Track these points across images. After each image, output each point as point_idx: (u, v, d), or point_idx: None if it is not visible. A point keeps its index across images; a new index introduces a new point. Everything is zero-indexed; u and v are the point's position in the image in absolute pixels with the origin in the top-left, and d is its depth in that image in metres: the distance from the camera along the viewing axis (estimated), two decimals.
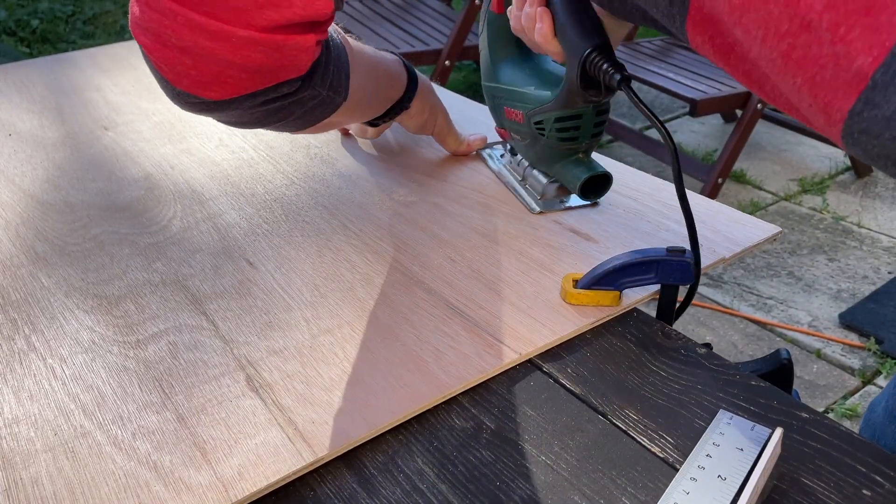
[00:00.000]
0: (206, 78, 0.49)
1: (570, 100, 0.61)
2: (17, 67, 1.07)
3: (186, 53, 0.47)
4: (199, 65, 0.48)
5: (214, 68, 0.48)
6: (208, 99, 0.50)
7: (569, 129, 0.63)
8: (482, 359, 0.50)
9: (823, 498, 0.39)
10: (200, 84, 0.49)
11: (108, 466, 0.43)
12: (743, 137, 2.24)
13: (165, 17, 0.46)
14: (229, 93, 0.50)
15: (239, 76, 0.49)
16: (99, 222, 0.68)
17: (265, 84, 0.50)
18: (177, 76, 0.49)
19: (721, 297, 1.95)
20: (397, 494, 0.41)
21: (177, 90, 0.50)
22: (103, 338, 0.53)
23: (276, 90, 0.51)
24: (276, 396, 0.47)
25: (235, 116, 0.54)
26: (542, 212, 0.66)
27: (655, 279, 0.54)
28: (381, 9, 2.90)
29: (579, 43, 0.58)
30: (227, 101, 0.51)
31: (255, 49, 0.48)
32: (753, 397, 0.46)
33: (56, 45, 3.78)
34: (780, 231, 0.62)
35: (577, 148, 0.64)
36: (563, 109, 0.62)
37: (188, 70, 0.48)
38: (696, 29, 0.43)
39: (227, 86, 0.49)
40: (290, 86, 0.52)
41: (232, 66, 0.48)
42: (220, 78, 0.49)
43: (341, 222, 0.66)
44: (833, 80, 0.36)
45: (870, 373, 1.71)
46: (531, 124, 0.65)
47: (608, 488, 0.41)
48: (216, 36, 0.46)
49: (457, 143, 0.77)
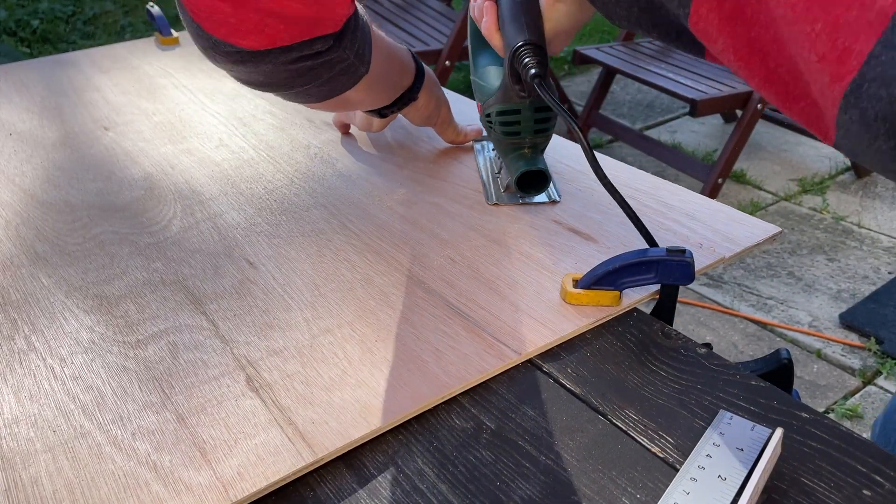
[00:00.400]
0: (245, 27, 0.49)
1: (506, 94, 0.63)
2: (17, 67, 1.07)
3: (226, 1, 0.47)
4: (238, 13, 0.48)
5: (254, 17, 0.48)
6: (244, 48, 0.50)
7: (510, 124, 0.65)
8: (482, 359, 0.50)
9: (823, 498, 0.39)
10: (238, 32, 0.49)
11: (107, 466, 0.43)
12: (743, 137, 2.24)
13: None
14: (265, 43, 0.50)
15: (277, 26, 0.49)
16: (99, 222, 0.68)
17: (302, 37, 0.51)
18: (214, 24, 0.49)
19: (721, 297, 1.95)
20: (397, 494, 0.41)
21: (213, 39, 0.50)
22: (103, 338, 0.53)
23: (311, 46, 0.52)
24: (276, 396, 0.47)
25: (265, 73, 0.53)
26: (496, 203, 0.68)
27: (655, 279, 0.53)
28: (381, 9, 2.90)
29: (512, 38, 0.59)
30: (262, 52, 0.51)
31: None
32: (753, 397, 0.46)
33: (56, 45, 3.78)
34: (780, 231, 0.62)
35: (520, 143, 0.66)
36: (503, 104, 0.64)
37: (227, 18, 0.48)
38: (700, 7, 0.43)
39: (264, 35, 0.49)
40: (324, 43, 0.52)
41: (271, 15, 0.48)
42: (258, 27, 0.49)
43: (341, 222, 0.66)
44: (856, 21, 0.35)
45: (870, 373, 1.71)
46: (484, 117, 0.68)
47: (608, 488, 0.41)
48: None
49: (455, 134, 0.78)
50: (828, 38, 0.37)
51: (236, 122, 0.87)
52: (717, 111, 2.33)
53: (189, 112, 0.91)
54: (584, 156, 0.56)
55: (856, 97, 0.36)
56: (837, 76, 0.37)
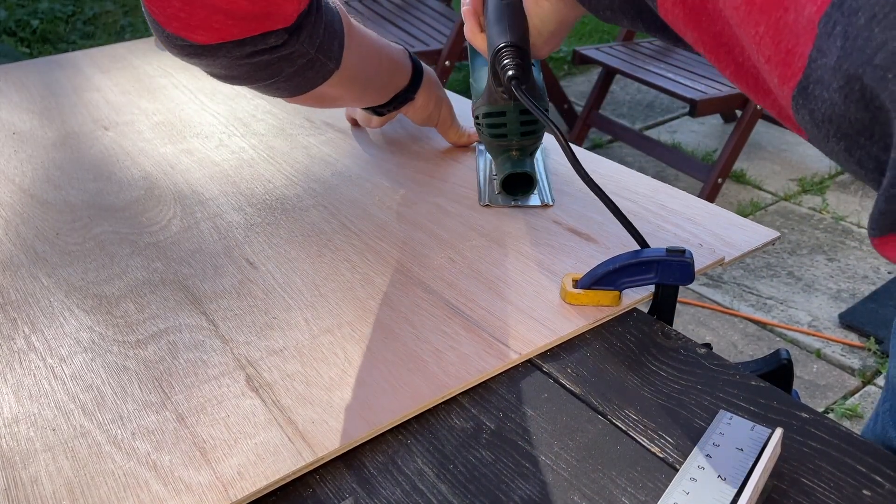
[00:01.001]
0: (194, 21, 0.50)
1: (491, 96, 0.63)
2: (17, 67, 1.07)
3: None
4: (187, 7, 0.50)
5: (202, 12, 0.50)
6: (195, 42, 0.52)
7: (496, 126, 0.65)
8: (482, 359, 0.50)
9: (823, 498, 0.39)
10: (188, 27, 0.51)
11: (107, 466, 0.43)
12: (743, 137, 2.24)
13: None
14: (215, 38, 0.51)
15: (225, 21, 0.50)
16: (99, 222, 0.68)
17: (251, 32, 0.52)
18: (166, 18, 0.51)
19: (721, 297, 1.95)
20: (397, 494, 0.41)
21: (166, 32, 0.52)
22: (103, 337, 0.53)
23: (263, 40, 0.53)
24: (276, 396, 0.47)
25: (224, 67, 0.55)
26: (487, 204, 0.68)
27: (655, 279, 0.54)
28: (381, 9, 2.90)
29: (494, 40, 0.60)
30: (213, 45, 0.52)
31: None
32: (753, 397, 0.46)
33: (56, 45, 3.78)
34: (778, 236, 0.62)
35: (508, 145, 0.66)
36: (488, 105, 0.64)
37: (177, 13, 0.50)
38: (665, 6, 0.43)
39: (213, 30, 0.51)
40: (277, 37, 0.53)
41: (218, 11, 0.50)
42: (207, 22, 0.50)
43: (341, 222, 0.66)
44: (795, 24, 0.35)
45: (870, 373, 1.71)
46: (475, 119, 0.68)
47: (608, 488, 0.41)
48: None
49: (458, 136, 0.78)
50: (771, 41, 0.37)
51: (236, 122, 0.87)
52: (716, 111, 2.33)
53: (189, 112, 0.91)
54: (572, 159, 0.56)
55: (804, 98, 0.36)
56: (784, 77, 0.37)
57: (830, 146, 0.37)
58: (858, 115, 0.34)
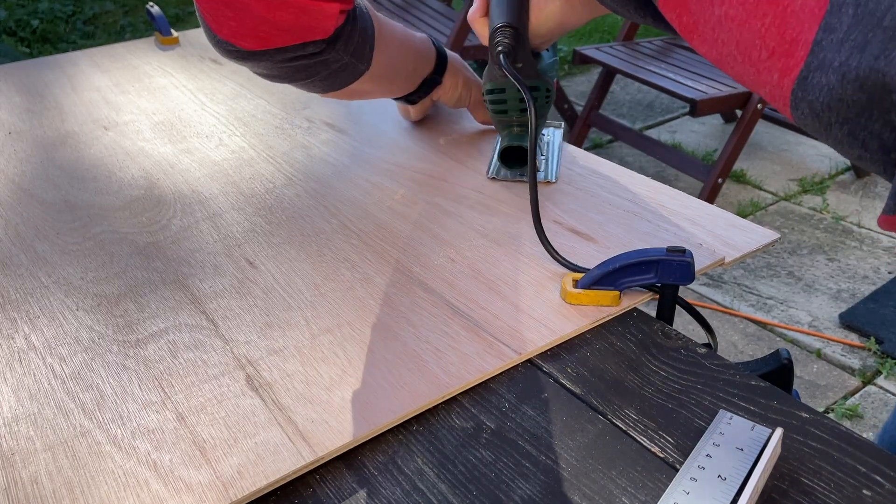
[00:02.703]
0: (243, 30, 0.56)
1: (491, 73, 0.68)
2: (17, 67, 1.07)
3: (229, 6, 0.55)
4: (239, 17, 0.55)
5: (251, 22, 0.55)
6: (244, 48, 0.58)
7: (497, 102, 0.70)
8: (482, 359, 0.50)
9: (823, 498, 0.39)
10: (238, 34, 0.57)
11: (107, 465, 0.43)
12: (743, 137, 2.24)
13: None
14: (261, 45, 0.57)
15: (271, 31, 0.56)
16: (99, 221, 0.68)
17: (293, 41, 0.58)
18: (219, 25, 0.57)
19: (721, 297, 1.95)
20: (397, 494, 0.41)
21: (217, 38, 0.58)
22: (103, 337, 0.53)
23: (303, 48, 0.59)
24: (276, 396, 0.47)
25: (266, 68, 0.61)
26: (493, 177, 0.72)
27: (655, 279, 0.54)
28: (381, 9, 2.90)
29: (493, 20, 0.65)
30: (259, 51, 0.58)
31: (287, 10, 0.55)
32: (753, 397, 0.46)
33: (56, 45, 3.78)
34: (778, 237, 0.62)
35: (509, 121, 0.71)
36: (490, 82, 0.69)
37: (228, 21, 0.56)
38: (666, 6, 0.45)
39: (260, 39, 0.57)
40: (316, 46, 0.59)
41: (265, 22, 0.55)
42: (255, 31, 0.56)
43: (341, 222, 0.66)
44: (802, 10, 0.36)
45: (870, 373, 1.71)
46: (482, 96, 0.72)
47: (608, 488, 0.41)
48: None
49: (485, 115, 0.82)
50: (777, 31, 0.37)
51: (236, 122, 0.87)
52: (717, 111, 2.33)
53: (189, 112, 0.91)
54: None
55: (802, 91, 0.37)
56: (786, 69, 0.37)
57: (834, 133, 0.37)
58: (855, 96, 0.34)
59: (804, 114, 0.38)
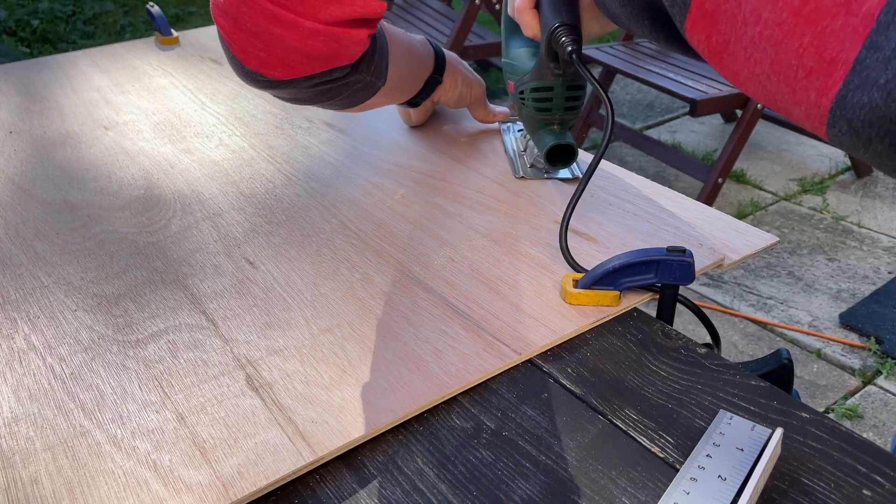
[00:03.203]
0: (273, 60, 0.56)
1: (541, 72, 0.68)
2: (17, 67, 1.07)
3: (258, 37, 0.54)
4: (268, 48, 0.55)
5: (280, 52, 0.55)
6: (273, 78, 0.58)
7: (542, 100, 0.69)
8: (482, 359, 0.50)
9: (823, 498, 0.39)
10: (267, 65, 0.56)
11: (107, 465, 0.43)
12: (743, 137, 2.24)
13: (244, 5, 0.53)
14: (290, 74, 0.57)
15: (301, 60, 0.56)
16: (98, 221, 0.68)
17: (321, 69, 0.58)
18: (247, 56, 0.56)
19: (721, 297, 1.95)
20: (397, 494, 0.41)
21: (246, 69, 0.57)
22: (103, 337, 0.53)
23: (329, 74, 0.59)
24: (276, 396, 0.47)
25: (291, 94, 0.61)
26: (522, 177, 0.72)
27: (655, 279, 0.53)
28: None
29: (550, 19, 0.64)
30: (287, 80, 0.58)
31: (318, 39, 0.55)
32: (753, 397, 0.46)
33: (56, 45, 3.78)
34: (777, 240, 0.62)
35: (551, 119, 0.70)
36: (537, 81, 0.68)
37: (258, 52, 0.55)
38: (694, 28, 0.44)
39: (289, 68, 0.57)
40: (342, 71, 0.60)
41: (296, 52, 0.55)
42: (284, 61, 0.56)
43: (341, 222, 0.66)
44: (842, 30, 0.36)
45: (870, 373, 1.71)
46: (517, 95, 0.71)
47: (608, 488, 0.41)
48: (287, 25, 0.53)
49: (485, 113, 0.83)
50: (815, 50, 0.37)
51: (236, 122, 0.87)
52: (717, 111, 2.33)
53: (189, 112, 0.91)
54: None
55: (841, 109, 0.37)
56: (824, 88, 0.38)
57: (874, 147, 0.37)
58: None
59: (841, 131, 0.38)
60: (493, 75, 3.21)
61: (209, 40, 1.15)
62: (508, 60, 0.74)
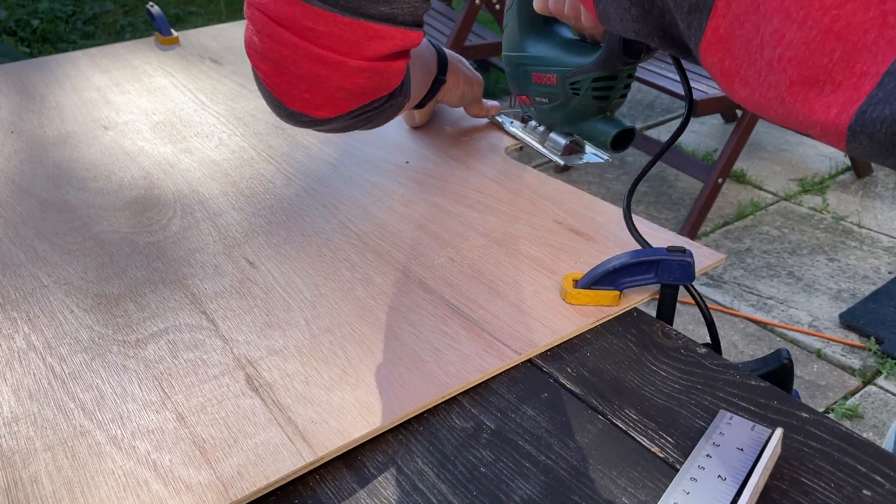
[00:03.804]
0: (318, 100, 0.56)
1: (609, 62, 0.69)
2: (17, 67, 1.07)
3: (303, 80, 0.54)
4: (313, 89, 0.55)
5: (326, 92, 0.55)
6: (317, 117, 0.58)
7: (602, 89, 0.71)
8: (482, 359, 0.50)
9: (823, 498, 0.39)
10: (313, 105, 0.56)
11: (107, 465, 0.43)
12: (743, 137, 2.24)
13: (286, 49, 0.52)
14: (335, 112, 0.58)
15: (346, 98, 0.56)
16: (98, 221, 0.68)
17: (364, 102, 0.58)
18: (291, 99, 0.56)
19: (721, 297, 1.95)
20: (397, 494, 0.41)
21: (289, 110, 0.57)
22: (103, 337, 0.53)
23: (370, 105, 0.60)
24: (276, 396, 0.47)
25: (331, 128, 0.62)
26: (565, 166, 0.78)
27: (655, 279, 0.53)
28: None
29: None
30: (331, 118, 0.58)
31: (363, 76, 0.55)
32: (753, 397, 0.46)
33: (56, 45, 3.78)
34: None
35: (605, 106, 0.72)
36: (600, 70, 0.70)
37: (302, 94, 0.55)
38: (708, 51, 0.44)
39: (335, 106, 0.57)
40: (380, 101, 0.60)
41: (341, 90, 0.55)
42: (330, 100, 0.56)
43: (341, 222, 0.66)
44: (875, 43, 0.36)
45: (870, 373, 1.71)
46: (566, 86, 0.72)
47: (608, 488, 0.41)
48: (332, 66, 0.53)
49: (479, 109, 0.84)
50: (846, 65, 0.37)
51: (236, 122, 0.87)
52: (717, 111, 2.32)
53: (189, 112, 0.91)
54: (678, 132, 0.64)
55: (861, 125, 0.37)
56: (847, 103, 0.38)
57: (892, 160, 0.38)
58: None
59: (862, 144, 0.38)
60: (493, 75, 3.21)
61: (209, 40, 1.15)
62: (535, 55, 0.75)
